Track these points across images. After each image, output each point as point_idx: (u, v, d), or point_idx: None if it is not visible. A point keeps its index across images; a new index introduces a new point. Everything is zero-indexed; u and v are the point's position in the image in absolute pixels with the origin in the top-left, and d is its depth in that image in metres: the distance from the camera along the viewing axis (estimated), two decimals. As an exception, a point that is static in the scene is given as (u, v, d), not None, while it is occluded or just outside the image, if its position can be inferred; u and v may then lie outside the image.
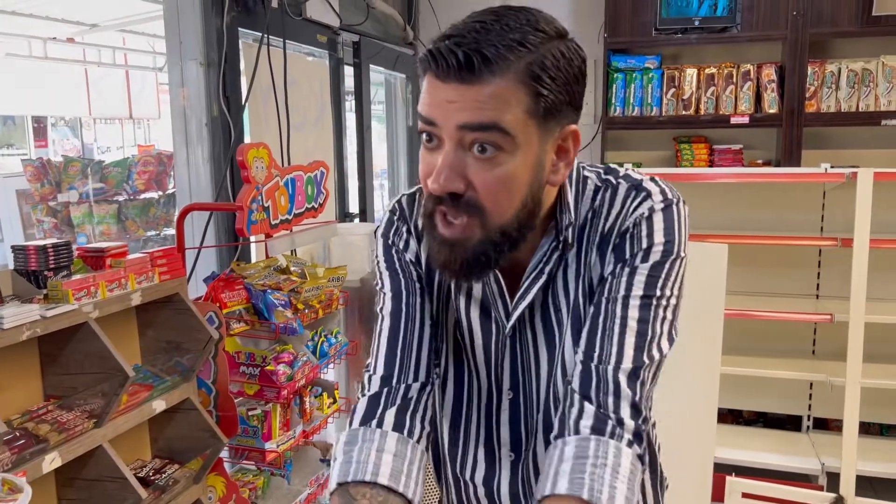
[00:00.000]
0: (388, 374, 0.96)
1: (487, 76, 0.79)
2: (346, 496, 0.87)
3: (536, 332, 0.97)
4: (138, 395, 1.83)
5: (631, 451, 0.83)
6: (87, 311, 1.67)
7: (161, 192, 4.50)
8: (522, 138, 0.82)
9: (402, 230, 1.03)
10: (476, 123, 0.80)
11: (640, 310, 0.89)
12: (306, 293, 2.22)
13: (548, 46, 0.82)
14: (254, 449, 2.10)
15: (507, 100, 0.80)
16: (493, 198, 0.83)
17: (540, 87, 0.81)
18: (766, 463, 3.35)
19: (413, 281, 1.01)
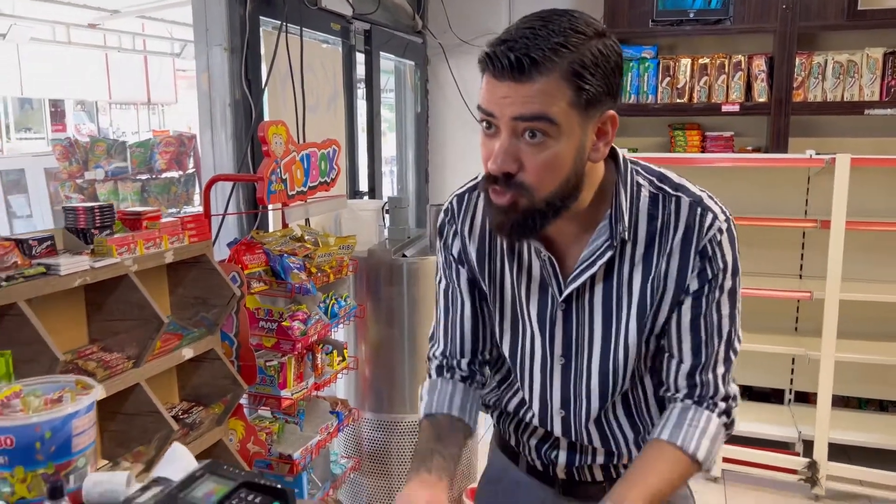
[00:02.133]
0: (445, 348, 1.27)
1: (536, 75, 0.93)
2: (432, 420, 1.21)
3: (594, 311, 1.12)
4: (170, 343, 2.07)
5: (718, 420, 1.13)
6: (127, 265, 1.90)
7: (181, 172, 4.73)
8: (566, 126, 0.96)
9: (448, 232, 1.23)
10: (527, 115, 0.95)
11: (729, 322, 1.11)
12: (319, 258, 2.45)
13: (587, 46, 0.95)
14: (270, 396, 2.33)
15: (553, 94, 0.94)
16: (538, 176, 0.99)
17: (581, 83, 0.95)
18: (748, 432, 3.55)
19: (453, 271, 1.23)
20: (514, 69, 0.93)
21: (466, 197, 1.22)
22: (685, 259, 1.08)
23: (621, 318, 1.12)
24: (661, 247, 1.09)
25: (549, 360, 1.17)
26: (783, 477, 3.36)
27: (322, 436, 2.52)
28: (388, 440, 2.93)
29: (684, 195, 1.10)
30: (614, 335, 1.13)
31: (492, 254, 1.19)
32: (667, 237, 1.09)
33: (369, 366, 2.92)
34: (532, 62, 0.93)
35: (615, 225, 1.08)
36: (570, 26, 0.96)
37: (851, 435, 3.46)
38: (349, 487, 2.99)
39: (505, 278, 1.18)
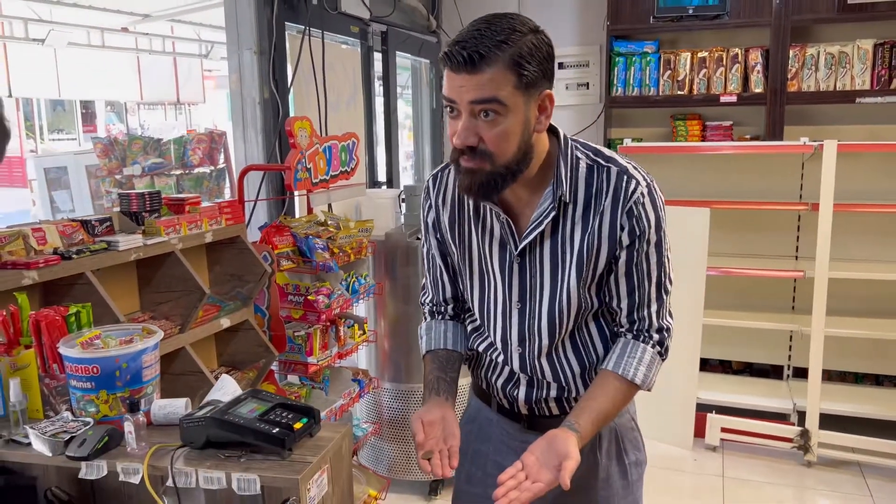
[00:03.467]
0: (433, 296, 1.56)
1: (484, 67, 1.16)
2: (433, 354, 1.50)
3: (543, 263, 1.35)
4: (210, 313, 2.35)
5: (652, 350, 1.38)
6: (174, 243, 2.19)
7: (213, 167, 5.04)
8: (513, 105, 1.19)
9: (425, 205, 1.50)
10: (480, 99, 1.18)
11: (657, 267, 1.35)
12: (341, 240, 2.72)
13: (524, 40, 1.18)
14: (298, 362, 2.61)
15: (500, 81, 1.17)
16: (496, 145, 1.21)
17: (521, 70, 1.17)
18: (746, 404, 3.77)
19: (429, 232, 1.50)
20: (466, 63, 1.16)
21: (439, 175, 1.48)
22: (614, 218, 1.30)
23: (565, 268, 1.34)
24: (595, 208, 1.31)
25: (508, 305, 1.41)
26: (778, 445, 3.57)
27: (345, 400, 2.79)
28: (405, 408, 3.19)
29: (613, 165, 1.32)
30: (560, 283, 1.35)
31: (461, 219, 1.43)
32: (600, 200, 1.31)
33: (388, 339, 3.19)
34: (480, 57, 1.16)
35: (556, 190, 1.31)
36: (509, 26, 1.19)
37: (846, 406, 3.65)
38: (370, 451, 3.27)
39: (473, 239, 1.42)
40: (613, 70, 4.24)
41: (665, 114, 4.34)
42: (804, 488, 3.34)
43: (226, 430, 1.27)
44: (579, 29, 4.58)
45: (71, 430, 1.34)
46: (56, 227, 1.91)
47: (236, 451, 1.28)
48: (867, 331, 3.58)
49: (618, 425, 1.48)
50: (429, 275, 1.56)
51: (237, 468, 1.24)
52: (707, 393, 3.80)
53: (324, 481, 1.28)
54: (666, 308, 1.40)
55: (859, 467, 3.46)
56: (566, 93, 4.69)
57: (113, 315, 1.89)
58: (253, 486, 1.21)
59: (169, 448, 1.30)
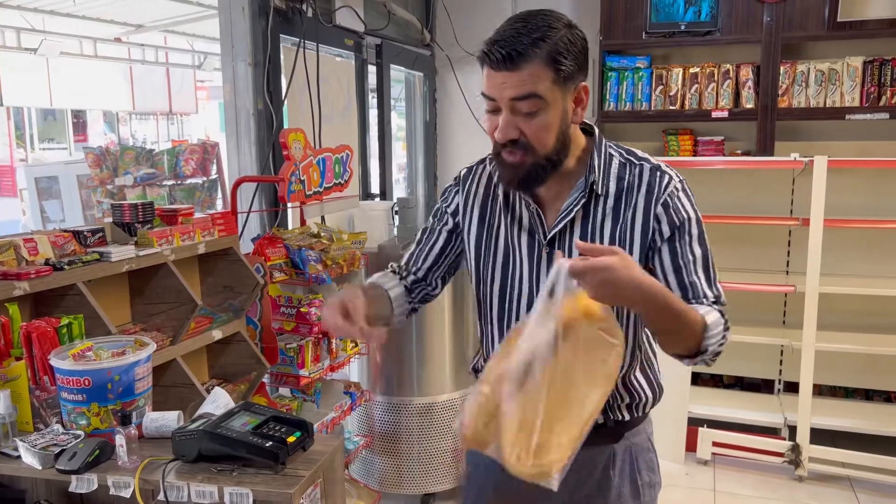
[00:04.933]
0: (407, 263, 1.57)
1: (523, 64, 1.21)
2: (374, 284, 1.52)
3: (572, 253, 1.33)
4: (202, 325, 2.34)
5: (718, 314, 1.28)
6: (166, 255, 2.18)
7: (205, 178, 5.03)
8: (551, 98, 1.24)
9: (451, 193, 1.53)
10: (521, 95, 1.23)
11: (702, 259, 1.35)
12: (334, 252, 2.72)
13: (559, 35, 1.23)
14: (290, 375, 2.60)
15: (539, 76, 1.22)
16: (537, 138, 1.26)
17: (558, 65, 1.23)
18: (737, 418, 3.78)
19: (442, 223, 1.53)
20: (506, 61, 1.21)
21: (474, 169, 1.54)
22: (648, 211, 1.32)
23: None
24: (627, 202, 1.33)
25: (535, 295, 1.36)
26: (769, 459, 3.58)
27: (337, 413, 2.78)
28: (397, 421, 3.18)
29: (646, 163, 1.37)
30: None
31: (492, 210, 1.46)
32: (632, 194, 1.34)
33: (380, 352, 3.18)
34: (519, 55, 1.21)
35: (588, 177, 1.34)
36: (545, 23, 1.23)
37: (836, 421, 3.67)
38: (361, 464, 3.25)
39: (500, 229, 1.43)
40: (606, 85, 4.27)
41: (657, 128, 4.37)
42: (795, 503, 3.34)
43: (218, 443, 1.26)
44: (572, 44, 4.60)
45: (61, 443, 1.32)
46: (48, 238, 1.90)
47: (229, 464, 1.28)
48: (858, 345, 3.60)
49: (633, 445, 1.48)
50: (415, 248, 1.58)
51: (230, 482, 1.23)
52: (698, 407, 3.81)
53: (317, 495, 1.27)
54: (722, 294, 1.35)
55: (850, 482, 3.46)
56: (559, 107, 4.71)
57: (105, 327, 1.87)
58: (245, 501, 1.21)
59: (161, 461, 1.29)
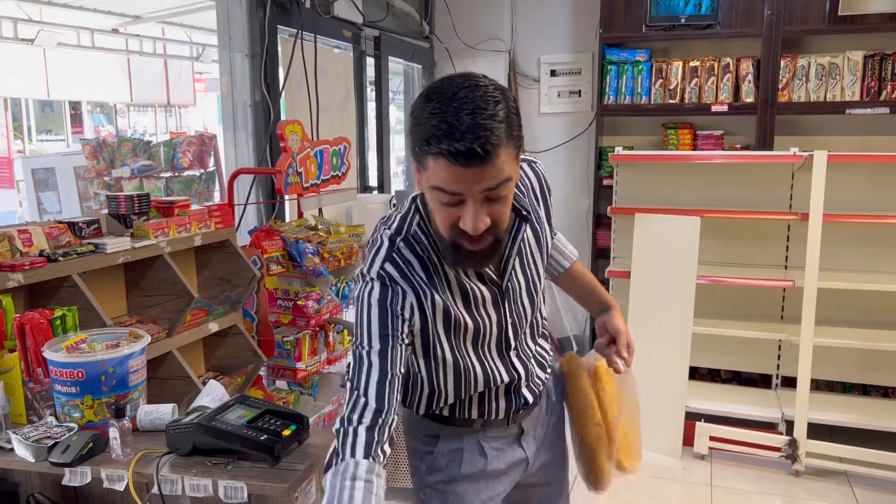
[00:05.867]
0: (380, 409, 1.19)
1: (495, 155, 1.10)
2: None
3: (520, 279, 1.37)
4: (198, 317, 2.33)
5: None
6: (162, 247, 2.17)
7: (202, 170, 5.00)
8: (514, 174, 1.17)
9: (397, 298, 1.25)
10: (496, 184, 1.13)
11: None
12: (331, 245, 2.70)
13: (507, 108, 1.13)
14: (287, 368, 2.59)
15: (507, 158, 1.13)
16: (504, 218, 1.20)
17: (517, 140, 1.15)
18: (735, 413, 3.76)
19: (400, 337, 1.24)
20: (479, 157, 1.10)
21: (396, 259, 1.28)
22: (545, 202, 1.43)
23: (534, 266, 1.41)
24: (534, 209, 1.38)
25: (502, 335, 1.39)
26: (766, 454, 3.57)
27: (333, 406, 2.77)
28: (394, 415, 3.17)
29: (522, 162, 1.40)
30: (531, 279, 1.41)
31: (443, 285, 1.31)
32: (531, 195, 1.39)
33: None
34: (492, 146, 1.10)
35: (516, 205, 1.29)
36: (495, 100, 1.12)
37: (834, 416, 3.66)
38: (358, 458, 3.24)
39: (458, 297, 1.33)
40: (605, 78, 4.25)
41: (656, 122, 4.36)
42: (792, 497, 3.34)
43: (213, 436, 1.25)
44: (572, 36, 4.59)
45: (55, 435, 1.31)
46: (42, 229, 1.88)
47: (223, 458, 1.27)
48: (855, 341, 3.59)
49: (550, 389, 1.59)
50: (380, 379, 1.21)
51: (224, 475, 1.22)
52: (696, 401, 3.80)
53: (312, 489, 1.26)
54: None
55: (847, 477, 3.46)
56: (558, 100, 4.70)
57: (100, 319, 1.86)
58: (240, 494, 1.20)
59: (155, 455, 1.28)
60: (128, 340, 1.43)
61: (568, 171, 4.72)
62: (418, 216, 1.29)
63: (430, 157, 1.12)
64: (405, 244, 1.27)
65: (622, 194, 4.06)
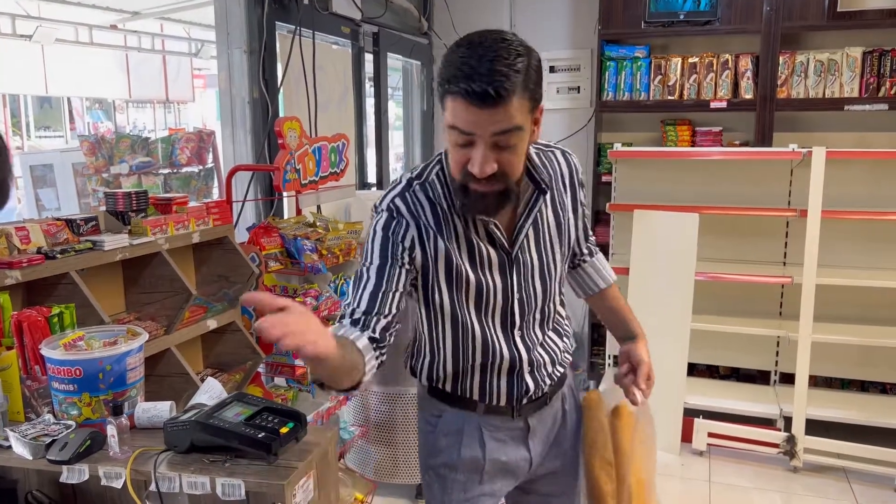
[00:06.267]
0: (368, 310, 1.31)
1: (507, 100, 1.17)
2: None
3: (532, 252, 1.42)
4: (196, 314, 2.33)
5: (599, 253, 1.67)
6: (160, 244, 2.17)
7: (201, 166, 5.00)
8: (526, 125, 1.24)
9: (400, 227, 1.34)
10: (505, 129, 1.20)
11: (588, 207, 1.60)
12: (329, 242, 2.70)
13: (531, 64, 1.21)
14: (285, 365, 2.59)
15: (520, 108, 1.20)
16: (511, 167, 1.25)
17: (533, 94, 1.22)
18: (733, 409, 3.77)
19: (399, 260, 1.33)
20: (491, 99, 1.16)
21: (407, 196, 1.37)
22: (573, 191, 1.49)
23: (550, 250, 1.46)
24: (558, 188, 1.45)
25: (509, 296, 1.43)
26: (764, 450, 3.58)
27: (332, 403, 2.77)
28: (393, 411, 3.17)
29: (555, 148, 1.49)
30: (546, 261, 1.46)
31: (449, 232, 1.36)
32: (557, 180, 1.46)
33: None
34: (506, 92, 1.17)
35: (537, 174, 1.39)
36: (516, 51, 1.19)
37: (832, 412, 3.67)
38: (357, 454, 3.25)
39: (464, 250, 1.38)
40: (604, 74, 4.25)
41: (655, 119, 4.35)
42: (790, 493, 3.35)
43: (210, 434, 1.25)
44: (571, 33, 4.59)
45: (52, 433, 1.31)
46: (40, 227, 1.88)
47: (221, 455, 1.27)
48: (854, 337, 3.60)
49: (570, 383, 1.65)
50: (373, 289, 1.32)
51: (222, 473, 1.22)
52: (694, 398, 3.81)
53: (310, 486, 1.26)
54: None
55: (845, 473, 3.47)
56: (557, 96, 4.69)
57: (97, 316, 1.86)
58: (237, 492, 1.20)
59: (152, 452, 1.28)
60: (125, 338, 1.43)
61: (567, 168, 4.71)
62: (439, 166, 1.38)
63: (450, 96, 1.20)
64: (420, 187, 1.37)
65: (621, 191, 4.06)
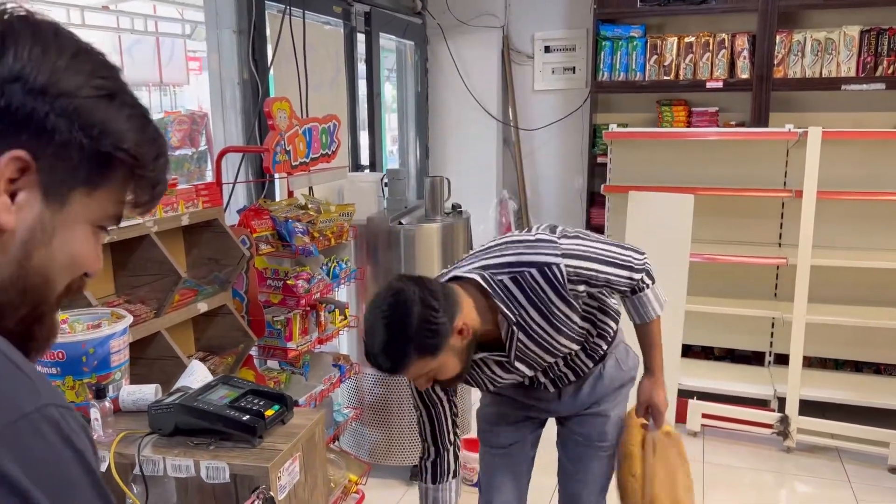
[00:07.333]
0: (439, 453, 1.82)
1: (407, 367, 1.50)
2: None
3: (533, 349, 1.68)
4: (187, 297, 2.31)
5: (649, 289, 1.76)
6: (148, 226, 2.14)
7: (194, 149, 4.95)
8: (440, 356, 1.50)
9: None
10: (419, 376, 1.53)
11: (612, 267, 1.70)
12: (321, 224, 2.68)
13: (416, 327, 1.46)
14: (277, 348, 2.58)
15: (422, 362, 1.49)
16: (445, 375, 1.56)
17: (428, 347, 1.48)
18: (728, 390, 3.78)
19: (434, 401, 1.77)
20: (395, 372, 1.51)
21: None
22: (564, 299, 1.61)
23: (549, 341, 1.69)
24: (544, 304, 1.60)
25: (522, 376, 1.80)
26: (758, 431, 3.59)
27: (325, 386, 2.76)
28: (387, 394, 3.17)
29: (531, 267, 1.58)
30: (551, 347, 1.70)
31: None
32: (542, 298, 1.60)
33: (369, 325, 3.16)
34: (402, 366, 1.49)
35: (507, 327, 1.63)
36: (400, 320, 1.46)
37: (826, 392, 3.67)
38: (351, 436, 3.25)
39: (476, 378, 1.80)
40: (599, 54, 4.21)
41: (651, 99, 4.32)
42: (783, 473, 3.36)
43: (195, 416, 1.24)
44: (566, 12, 4.54)
45: (36, 416, 1.30)
46: (26, 209, 1.86)
47: (206, 438, 1.26)
48: (848, 318, 3.60)
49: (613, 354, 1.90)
50: (429, 427, 1.79)
51: (206, 456, 1.21)
52: (689, 379, 3.81)
53: (295, 469, 1.25)
54: (633, 258, 1.70)
55: (838, 453, 3.48)
56: (552, 77, 4.66)
57: (85, 299, 1.84)
58: (222, 474, 1.19)
59: (137, 435, 1.27)
60: (110, 321, 1.42)
61: (562, 149, 4.69)
62: None
63: None
64: None
65: (616, 172, 4.04)
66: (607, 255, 1.66)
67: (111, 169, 0.67)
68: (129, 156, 0.67)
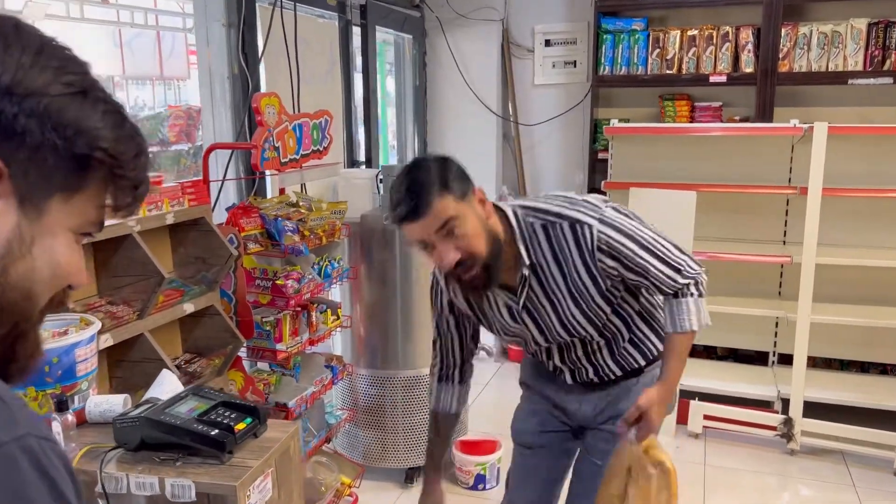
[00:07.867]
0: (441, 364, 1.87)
1: (428, 207, 1.44)
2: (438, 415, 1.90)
3: (545, 307, 1.67)
4: (172, 298, 2.25)
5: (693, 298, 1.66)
6: (130, 226, 2.08)
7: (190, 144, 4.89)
8: (462, 212, 1.47)
9: (439, 296, 1.79)
10: (441, 224, 1.45)
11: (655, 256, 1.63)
12: (312, 222, 2.61)
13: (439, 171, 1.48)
14: (267, 349, 2.51)
15: (444, 205, 1.45)
16: (472, 246, 1.49)
17: (453, 188, 1.47)
18: (730, 391, 3.71)
19: (445, 312, 1.80)
20: (414, 213, 1.45)
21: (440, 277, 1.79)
22: (587, 263, 1.58)
23: (562, 305, 1.66)
24: (566, 262, 1.59)
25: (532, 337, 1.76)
26: (761, 433, 3.52)
27: (316, 387, 2.70)
28: (381, 395, 3.11)
29: (563, 220, 1.57)
30: (563, 314, 1.67)
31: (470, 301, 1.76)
32: (565, 252, 1.58)
33: (363, 325, 3.10)
34: (422, 202, 1.44)
35: (520, 264, 1.62)
36: (426, 167, 1.49)
37: (831, 394, 3.60)
38: (345, 438, 3.19)
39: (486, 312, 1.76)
40: (601, 48, 4.13)
41: (653, 93, 4.24)
42: (787, 476, 3.29)
43: (161, 430, 1.18)
44: (567, 5, 4.46)
45: (-3, 429, 1.24)
46: (0, 209, 1.80)
47: (173, 454, 1.20)
48: (854, 318, 3.52)
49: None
50: (439, 344, 1.85)
51: (172, 473, 1.15)
52: (691, 379, 3.73)
53: (267, 486, 1.19)
54: (687, 264, 1.63)
55: (842, 456, 3.41)
56: (553, 71, 4.57)
57: (61, 302, 1.79)
58: (188, 493, 1.13)
59: (101, 450, 1.21)
60: (77, 327, 1.35)
61: (562, 145, 4.61)
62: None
63: (394, 224, 1.51)
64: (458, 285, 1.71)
65: (617, 168, 3.96)
66: (655, 245, 1.60)
67: (89, 171, 0.62)
68: (108, 155, 0.62)
